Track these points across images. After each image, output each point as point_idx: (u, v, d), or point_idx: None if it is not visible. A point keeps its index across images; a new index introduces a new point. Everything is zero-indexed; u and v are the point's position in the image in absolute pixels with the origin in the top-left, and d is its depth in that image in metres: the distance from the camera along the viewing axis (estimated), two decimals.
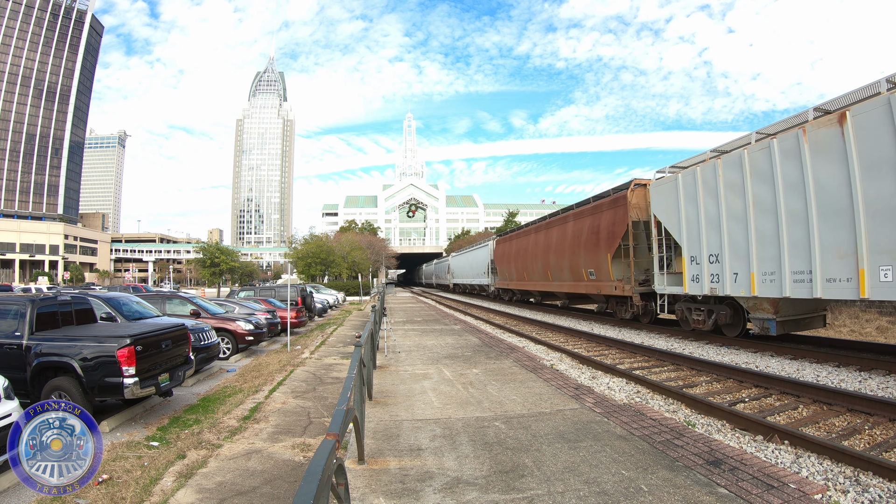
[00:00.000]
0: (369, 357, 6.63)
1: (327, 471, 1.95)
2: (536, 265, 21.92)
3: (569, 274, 18.50)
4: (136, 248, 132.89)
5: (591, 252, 16.34)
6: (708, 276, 10.82)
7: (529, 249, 22.94)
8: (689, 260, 11.46)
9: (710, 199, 10.76)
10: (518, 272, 25.03)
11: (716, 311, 11.26)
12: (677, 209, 11.79)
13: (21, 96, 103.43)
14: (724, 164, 10.37)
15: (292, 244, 62.95)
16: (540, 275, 21.62)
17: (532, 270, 22.69)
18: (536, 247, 22.07)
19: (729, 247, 10.20)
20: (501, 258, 28.53)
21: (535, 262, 21.95)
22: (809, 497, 3.45)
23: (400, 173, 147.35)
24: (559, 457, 4.21)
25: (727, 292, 10.29)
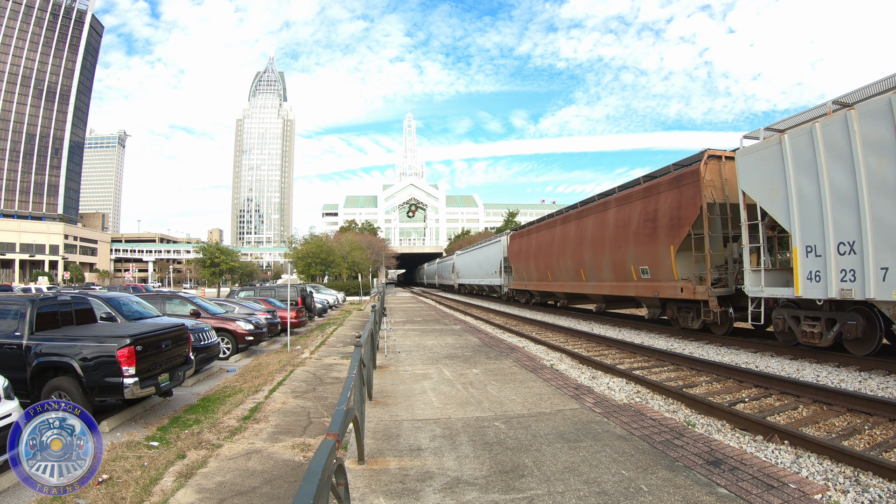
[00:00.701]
0: (369, 357, 6.63)
1: (327, 471, 1.95)
2: (564, 262, 18.83)
3: (610, 272, 15.43)
4: (136, 248, 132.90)
5: (645, 244, 13.38)
6: (836, 274, 8.05)
7: (555, 244, 19.77)
8: (805, 251, 8.60)
9: (838, 165, 8.00)
10: (539, 271, 21.83)
11: (840, 320, 8.42)
12: (783, 183, 9.01)
13: (21, 96, 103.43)
14: (862, 116, 7.67)
15: (292, 244, 62.96)
16: (569, 273, 18.60)
17: (558, 269, 19.52)
18: (564, 241, 18.91)
19: (873, 232, 7.47)
20: (517, 255, 25.21)
21: (563, 258, 18.91)
22: (809, 497, 3.45)
23: (400, 173, 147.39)
24: (559, 457, 4.21)
25: (870, 295, 7.49)
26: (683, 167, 12.75)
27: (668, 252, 12.47)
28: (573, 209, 19.75)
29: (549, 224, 21.34)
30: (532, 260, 22.71)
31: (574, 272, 18.15)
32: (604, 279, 16.06)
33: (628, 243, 14.26)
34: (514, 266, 26.12)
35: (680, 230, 11.93)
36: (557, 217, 20.78)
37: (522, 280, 24.82)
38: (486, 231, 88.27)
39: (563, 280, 19.46)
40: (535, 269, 22.37)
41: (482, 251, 34.33)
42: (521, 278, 25.24)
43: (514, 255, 25.95)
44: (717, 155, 11.60)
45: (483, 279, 34.21)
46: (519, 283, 25.64)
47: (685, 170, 12.33)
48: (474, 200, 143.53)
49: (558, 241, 19.66)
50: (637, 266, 13.91)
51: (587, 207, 17.82)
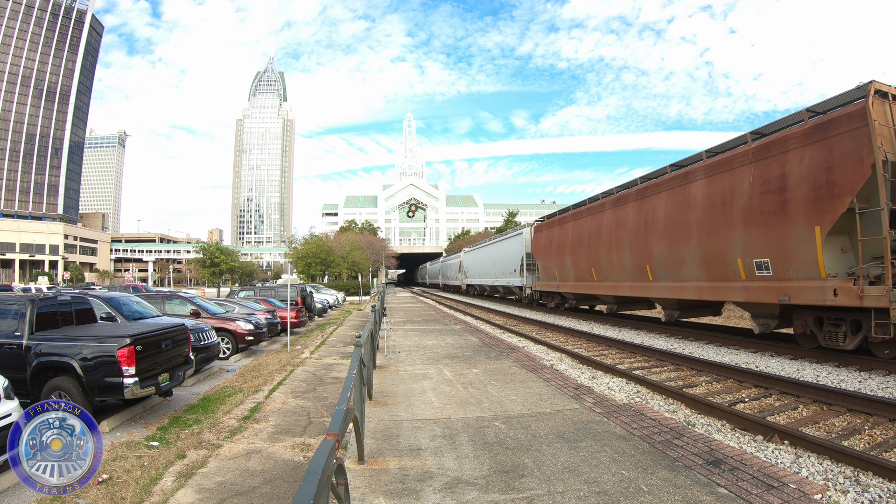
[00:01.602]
0: (369, 357, 6.63)
1: (327, 471, 1.95)
2: (618, 257, 14.79)
3: (697, 269, 11.37)
4: (136, 247, 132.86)
5: (764, 227, 9.52)
6: None
7: (603, 234, 15.73)
8: None
9: None
10: (578, 269, 17.76)
11: None
12: None
13: (21, 96, 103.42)
14: None
15: (292, 244, 62.97)
16: (625, 271, 14.56)
17: (608, 265, 15.48)
18: (618, 228, 14.77)
19: None
20: (545, 250, 21.13)
21: (616, 252, 14.92)
22: (809, 497, 3.45)
23: (400, 173, 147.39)
24: (559, 457, 4.21)
25: None
26: (838, 107, 8.62)
27: (809, 237, 8.55)
28: (627, 188, 15.17)
29: (594, 209, 16.86)
30: (567, 255, 18.60)
31: (634, 269, 14.04)
32: (684, 278, 11.92)
33: (731, 227, 10.25)
34: (542, 263, 21.80)
35: (833, 203, 8.10)
36: (606, 199, 16.05)
37: (551, 280, 20.66)
38: (486, 231, 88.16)
39: (615, 279, 15.30)
40: (572, 267, 18.23)
41: (497, 247, 29.83)
42: (549, 278, 20.97)
43: (541, 250, 21.71)
44: (884, 91, 7.99)
45: (498, 279, 29.66)
46: (547, 283, 21.32)
47: (841, 112, 8.32)
48: (474, 200, 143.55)
49: (608, 229, 15.46)
50: (748, 259, 9.90)
51: (654, 183, 13.36)
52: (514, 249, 25.82)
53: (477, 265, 35.86)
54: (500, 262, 28.79)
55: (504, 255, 27.94)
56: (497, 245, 30.09)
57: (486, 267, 32.77)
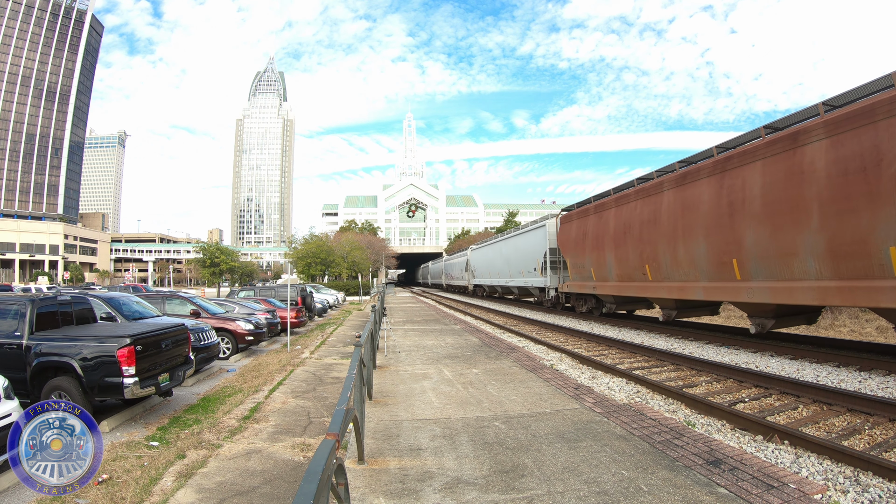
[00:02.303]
0: (369, 357, 6.63)
1: (327, 471, 1.95)
2: (686, 250, 11.61)
3: (819, 263, 8.54)
4: (136, 247, 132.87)
5: None
6: None
7: (661, 221, 12.56)
8: None
9: None
10: (622, 265, 14.58)
11: None
12: None
13: (21, 96, 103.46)
14: None
15: (292, 244, 62.98)
16: (696, 268, 11.39)
17: (671, 261, 12.27)
18: (686, 213, 11.63)
19: None
20: (577, 244, 17.74)
21: (682, 243, 11.74)
22: (809, 497, 3.45)
23: (400, 173, 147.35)
24: (559, 457, 4.21)
25: None
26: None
27: None
28: (690, 163, 12.12)
29: (646, 191, 13.55)
30: (608, 249, 15.37)
31: (711, 265, 10.86)
32: (795, 276, 9.00)
33: (880, 201, 7.50)
34: (572, 260, 18.42)
35: None
36: (665, 177, 12.81)
37: (585, 279, 17.39)
38: (487, 231, 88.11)
39: (680, 279, 12.13)
40: (615, 264, 14.97)
41: (512, 243, 26.50)
42: (582, 277, 17.65)
43: (571, 244, 18.41)
44: None
45: (513, 279, 26.28)
46: (579, 283, 17.95)
47: None
48: (474, 200, 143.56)
49: (670, 215, 12.27)
50: None
51: (743, 151, 10.15)
52: (535, 245, 22.55)
53: (486, 264, 32.81)
54: (516, 259, 25.48)
55: (521, 252, 24.65)
56: (512, 240, 26.60)
57: (497, 265, 29.56)
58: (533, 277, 22.92)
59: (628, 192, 14.71)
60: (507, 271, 27.24)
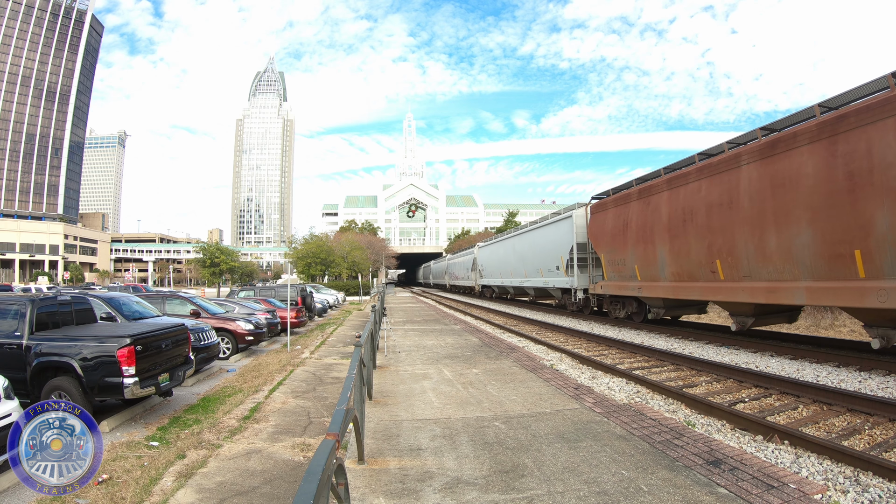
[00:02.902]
0: (369, 357, 6.63)
1: (327, 471, 1.95)
2: (779, 240, 9.16)
3: None
4: (136, 247, 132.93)
5: None
6: None
7: (740, 204, 9.98)
8: None
9: None
10: (680, 261, 11.99)
11: None
12: None
13: (21, 96, 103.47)
14: None
15: (292, 244, 62.99)
16: (796, 262, 8.87)
17: (755, 254, 9.69)
18: (778, 193, 9.14)
19: None
20: (615, 237, 15.03)
21: (774, 231, 9.25)
22: (809, 497, 3.45)
23: (400, 173, 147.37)
24: (559, 457, 4.21)
25: None
26: None
27: None
28: (776, 130, 9.68)
29: (714, 167, 10.90)
30: (659, 242, 12.79)
31: (819, 259, 8.45)
32: None
33: None
34: (608, 256, 15.46)
35: None
36: (743, 148, 10.19)
37: (626, 279, 14.60)
38: (487, 231, 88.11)
39: (768, 277, 9.47)
40: (670, 259, 12.38)
41: (529, 238, 23.58)
42: (622, 276, 14.84)
43: (607, 237, 15.51)
44: None
45: (529, 279, 23.30)
46: (618, 284, 15.09)
47: None
48: (474, 200, 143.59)
49: (753, 195, 9.74)
50: None
51: (859, 108, 7.91)
52: (557, 239, 19.64)
53: (496, 262, 29.64)
54: (534, 256, 22.42)
55: (540, 248, 21.63)
56: (529, 235, 23.71)
57: (510, 264, 26.52)
58: (555, 277, 20.07)
59: (687, 171, 11.93)
60: (522, 270, 24.37)
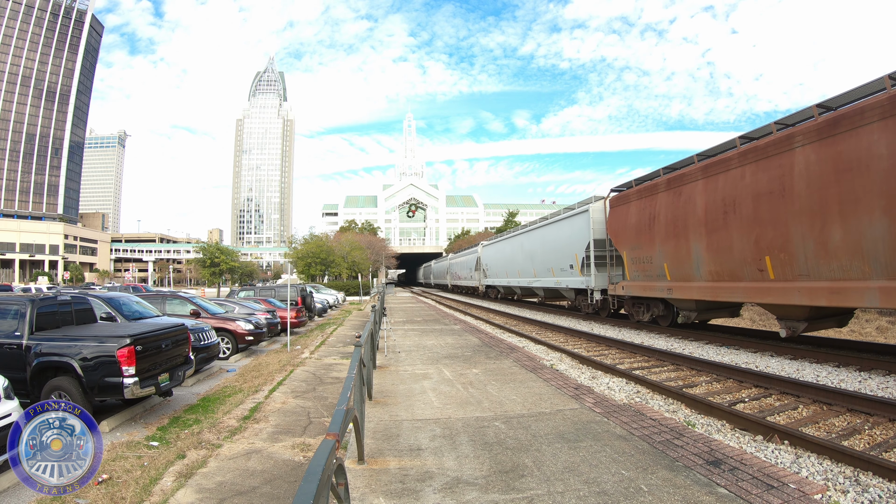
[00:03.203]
0: (369, 357, 6.63)
1: (327, 471, 1.95)
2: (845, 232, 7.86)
3: None
4: (136, 247, 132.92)
5: None
6: None
7: (795, 193, 8.71)
8: None
9: None
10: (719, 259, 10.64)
11: None
12: None
13: (21, 96, 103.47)
14: None
15: (292, 244, 62.99)
16: (866, 259, 7.59)
17: (816, 250, 8.37)
18: (845, 179, 7.82)
19: None
20: (638, 232, 13.54)
21: (836, 223, 7.99)
22: (809, 497, 3.45)
23: (400, 173, 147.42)
24: (559, 457, 4.21)
25: None
26: None
27: None
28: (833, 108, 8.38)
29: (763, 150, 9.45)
30: (696, 237, 11.28)
31: None
32: None
33: None
34: (631, 253, 14.00)
35: None
36: (797, 128, 8.81)
37: (653, 278, 13.10)
38: (486, 231, 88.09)
39: (830, 276, 8.18)
40: (708, 256, 10.90)
41: (538, 234, 22.17)
42: (647, 275, 13.37)
43: (630, 233, 13.99)
44: None
45: (539, 279, 21.95)
46: (642, 284, 13.61)
47: None
48: (474, 200, 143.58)
49: (812, 181, 8.41)
50: None
51: None
52: (571, 236, 18.17)
53: (502, 261, 28.08)
54: (544, 255, 21.13)
55: (551, 246, 20.21)
56: (539, 232, 22.25)
57: (517, 263, 25.07)
58: (568, 277, 18.71)
59: (727, 156, 10.50)
60: (531, 269, 22.87)
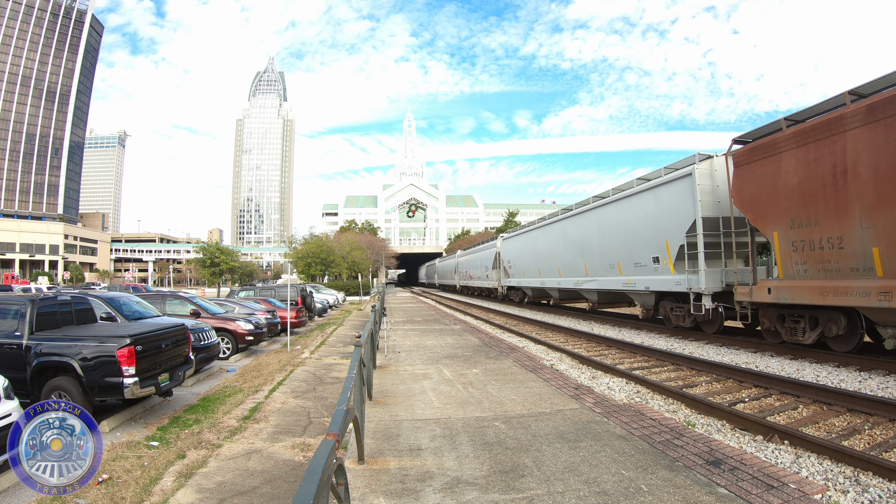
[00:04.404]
0: (369, 357, 6.63)
1: (327, 471, 1.95)
2: None
3: None
4: (136, 247, 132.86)
5: None
6: None
7: None
8: None
9: None
10: None
11: None
12: None
13: (21, 96, 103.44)
14: None
15: (292, 244, 62.98)
16: None
17: None
18: None
19: None
20: (801, 199, 8.69)
21: None
22: (809, 497, 3.45)
23: (400, 173, 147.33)
24: (559, 457, 4.21)
25: None
26: None
27: None
28: None
29: None
30: None
31: None
32: None
33: None
34: (791, 233, 8.93)
35: None
36: None
37: (837, 274, 8.19)
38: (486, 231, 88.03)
39: None
40: None
41: (595, 217, 15.90)
42: (822, 269, 8.46)
43: (789, 200, 8.93)
44: None
45: (594, 279, 16.13)
46: (814, 284, 8.56)
47: None
48: (474, 200, 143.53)
49: None
50: None
51: None
52: (659, 214, 12.56)
53: (534, 256, 21.68)
54: (605, 244, 15.11)
55: (621, 232, 14.34)
56: (596, 214, 15.75)
57: (557, 257, 18.91)
58: (648, 275, 13.05)
59: None
60: (579, 265, 16.79)
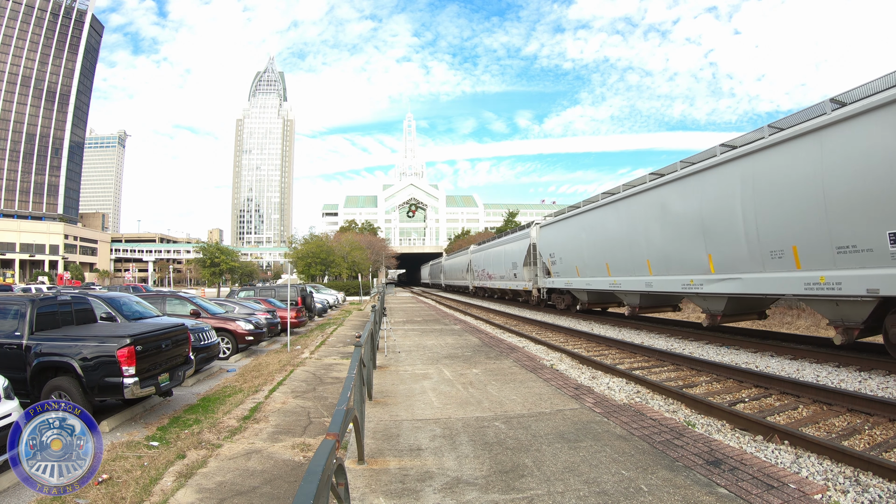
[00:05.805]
0: (369, 357, 6.63)
1: (327, 471, 1.95)
2: None
3: None
4: (136, 247, 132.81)
5: None
6: None
7: None
8: None
9: None
10: None
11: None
12: None
13: (21, 97, 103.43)
14: None
15: (292, 244, 63.00)
16: None
17: None
18: None
19: None
20: None
21: None
22: (809, 497, 3.45)
23: (400, 173, 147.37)
24: (559, 457, 4.21)
25: None
26: None
27: None
28: None
29: None
30: None
31: None
32: None
33: None
34: None
35: None
36: None
37: None
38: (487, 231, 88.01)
39: None
40: None
41: (739, 171, 9.78)
42: None
43: None
44: None
45: (726, 278, 10.35)
46: None
47: None
48: (474, 200, 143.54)
49: None
50: None
51: None
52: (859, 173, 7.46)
53: (592, 246, 16.16)
54: (765, 222, 9.28)
55: (811, 193, 8.22)
56: (755, 163, 9.45)
57: (645, 245, 13.25)
58: (843, 269, 7.98)
59: None
60: (693, 256, 11.41)
